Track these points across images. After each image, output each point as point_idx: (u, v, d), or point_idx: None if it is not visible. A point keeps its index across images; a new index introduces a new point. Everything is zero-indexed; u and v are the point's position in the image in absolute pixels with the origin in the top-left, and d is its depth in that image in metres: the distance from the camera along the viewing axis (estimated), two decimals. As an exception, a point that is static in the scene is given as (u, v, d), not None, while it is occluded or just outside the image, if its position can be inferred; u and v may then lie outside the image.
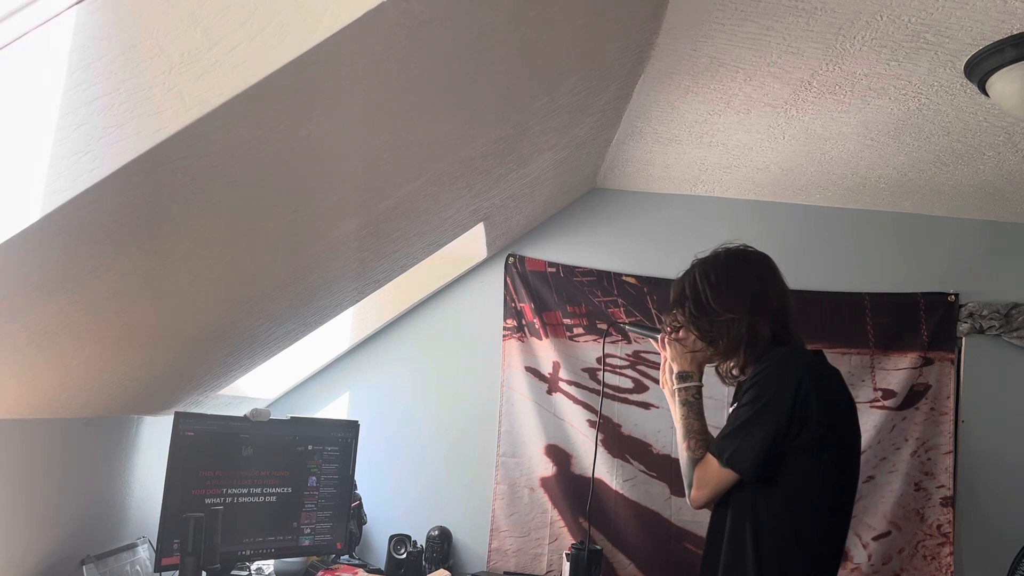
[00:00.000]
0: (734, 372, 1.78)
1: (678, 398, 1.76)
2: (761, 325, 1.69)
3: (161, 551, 2.06)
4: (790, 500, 1.59)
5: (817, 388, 1.58)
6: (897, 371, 2.92)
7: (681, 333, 1.78)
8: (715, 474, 1.62)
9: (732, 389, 1.84)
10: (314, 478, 2.51)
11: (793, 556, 1.58)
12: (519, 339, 3.00)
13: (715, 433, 1.69)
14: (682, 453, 1.70)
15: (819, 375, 1.63)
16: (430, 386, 3.02)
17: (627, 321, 2.13)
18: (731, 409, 1.76)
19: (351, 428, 2.63)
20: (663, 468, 2.92)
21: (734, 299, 1.72)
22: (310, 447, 2.51)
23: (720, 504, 1.68)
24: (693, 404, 1.76)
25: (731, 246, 1.87)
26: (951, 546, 2.85)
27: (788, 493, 1.58)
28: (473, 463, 2.97)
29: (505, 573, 2.88)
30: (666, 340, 1.82)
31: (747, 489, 1.60)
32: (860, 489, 2.87)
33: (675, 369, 1.79)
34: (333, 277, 2.16)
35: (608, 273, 3.02)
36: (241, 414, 2.37)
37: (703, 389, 1.79)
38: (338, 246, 1.93)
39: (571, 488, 2.91)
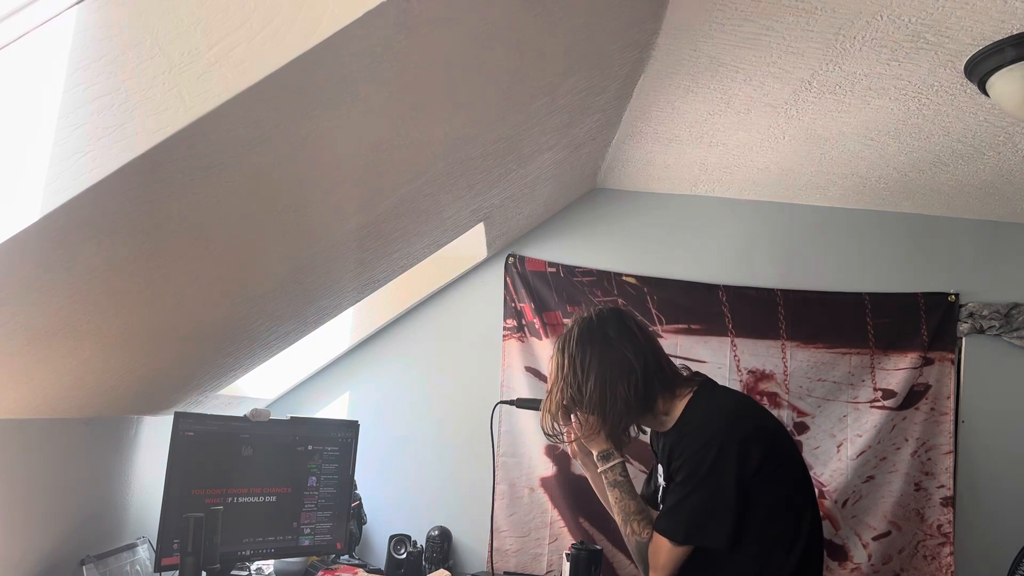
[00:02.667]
0: (645, 430, 1.78)
1: (606, 480, 1.74)
2: (621, 390, 1.67)
3: (161, 551, 2.06)
4: (761, 541, 1.60)
5: (743, 436, 1.59)
6: (897, 371, 2.92)
7: (576, 420, 1.76)
8: (670, 554, 1.62)
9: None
10: (314, 478, 2.51)
11: None
12: (519, 339, 3.00)
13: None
14: (627, 538, 1.69)
15: (736, 420, 1.64)
16: (430, 386, 3.02)
17: (514, 400, 2.19)
18: (661, 478, 1.77)
19: (351, 428, 2.63)
20: (663, 468, 2.92)
21: (595, 378, 1.68)
22: (310, 447, 2.51)
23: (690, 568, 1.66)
24: (623, 483, 1.74)
25: (580, 319, 1.79)
26: (951, 546, 2.85)
27: (753, 548, 1.59)
28: (473, 463, 2.97)
29: (505, 573, 2.88)
30: (570, 434, 1.79)
31: (712, 556, 1.60)
32: (860, 489, 2.89)
33: (593, 453, 1.77)
34: (333, 277, 2.16)
35: (608, 273, 3.02)
36: (241, 414, 2.37)
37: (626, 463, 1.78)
38: (338, 246, 1.93)
39: (571, 488, 2.91)
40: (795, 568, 1.61)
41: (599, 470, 1.75)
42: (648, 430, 1.83)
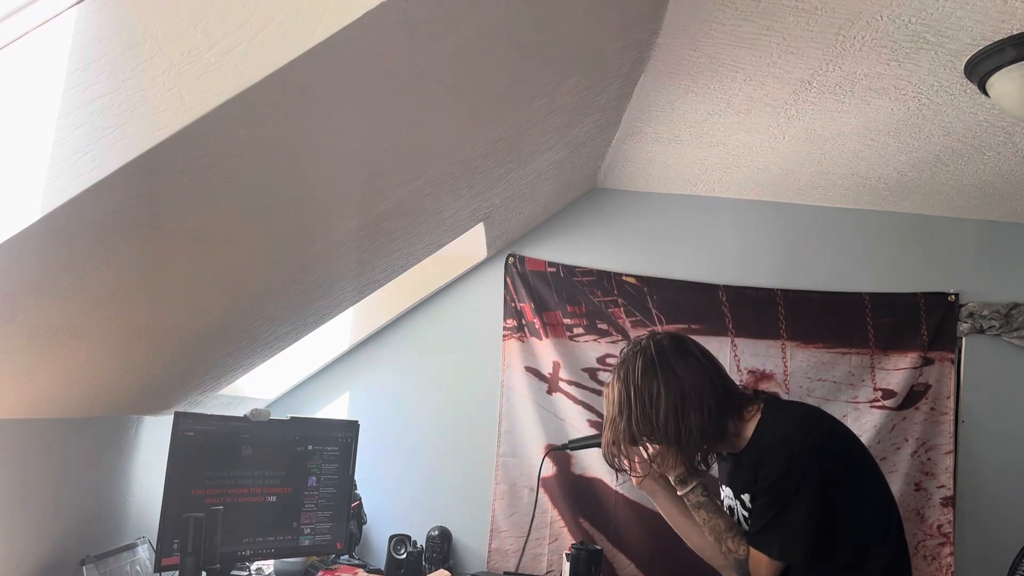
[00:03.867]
0: (722, 453, 1.79)
1: (688, 503, 1.74)
2: (695, 419, 1.66)
3: (161, 551, 2.06)
4: (854, 544, 1.64)
5: (821, 451, 1.63)
6: (897, 371, 2.92)
7: (649, 450, 1.76)
8: (770, 567, 1.64)
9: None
10: (314, 478, 2.51)
11: None
12: (519, 339, 3.00)
13: None
14: (722, 556, 1.70)
15: (811, 435, 1.66)
16: (430, 386, 3.02)
17: (567, 444, 2.16)
18: (729, 499, 1.79)
19: (351, 428, 2.63)
20: (663, 468, 2.92)
21: (666, 409, 1.67)
22: (310, 447, 2.51)
23: None
24: (706, 503, 1.74)
25: (640, 348, 1.76)
26: (951, 546, 2.85)
27: (847, 540, 1.63)
28: (473, 463, 2.97)
29: (505, 573, 2.88)
30: (640, 463, 1.79)
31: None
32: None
33: (671, 479, 1.77)
34: (333, 277, 2.16)
35: (608, 273, 3.02)
36: (241, 414, 2.37)
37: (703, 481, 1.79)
38: (338, 246, 1.93)
39: (571, 488, 2.91)
40: (888, 562, 1.65)
41: (680, 493, 1.74)
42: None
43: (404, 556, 2.69)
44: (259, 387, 2.83)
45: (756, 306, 2.98)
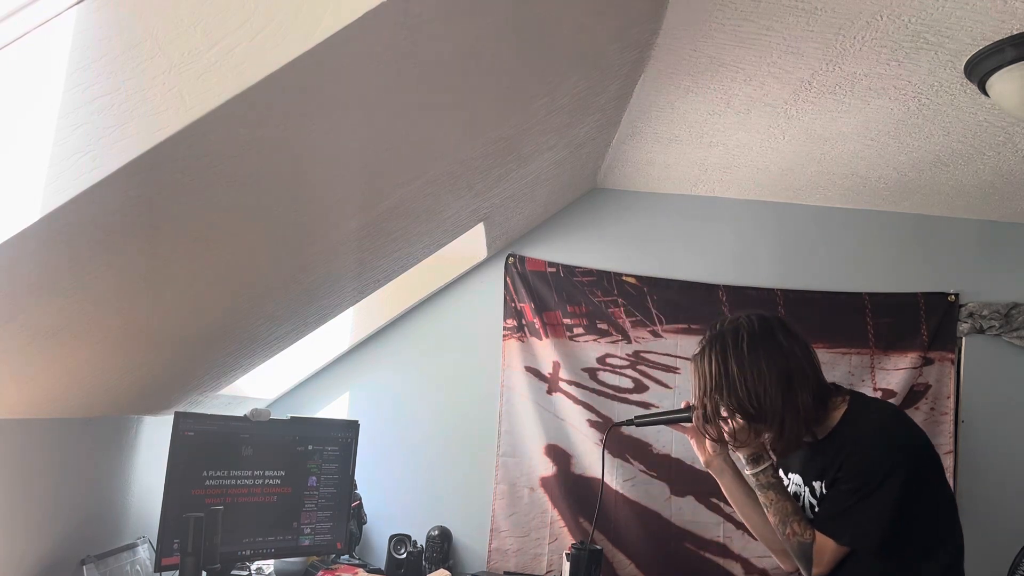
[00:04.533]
0: (788, 446, 1.76)
1: (758, 482, 1.73)
2: (802, 398, 1.65)
3: (161, 551, 2.06)
4: (919, 543, 1.65)
5: (908, 451, 1.63)
6: (897, 371, 2.92)
7: (731, 424, 1.71)
8: (835, 552, 1.65)
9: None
10: (314, 478, 2.51)
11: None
12: (519, 339, 3.00)
13: None
14: (787, 540, 1.69)
15: (899, 434, 1.67)
16: (430, 386, 3.02)
17: (632, 420, 2.04)
18: (793, 485, 1.79)
19: (351, 428, 2.63)
20: (663, 468, 2.92)
21: (766, 387, 1.65)
22: (310, 447, 2.51)
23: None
24: (776, 484, 1.73)
25: (743, 323, 1.73)
26: (951, 546, 2.85)
27: (906, 564, 1.64)
28: (473, 463, 2.97)
29: (505, 573, 2.88)
30: (721, 434, 1.75)
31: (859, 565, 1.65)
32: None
33: (743, 457, 1.75)
34: (333, 277, 2.16)
35: (608, 273, 3.02)
36: (241, 414, 2.37)
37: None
38: (338, 246, 1.93)
39: (571, 488, 2.91)
40: (950, 561, 1.67)
41: (751, 472, 1.73)
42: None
43: (404, 556, 2.69)
44: (259, 387, 2.83)
45: (756, 306, 2.96)
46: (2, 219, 1.08)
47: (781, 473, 1.86)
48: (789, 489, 1.81)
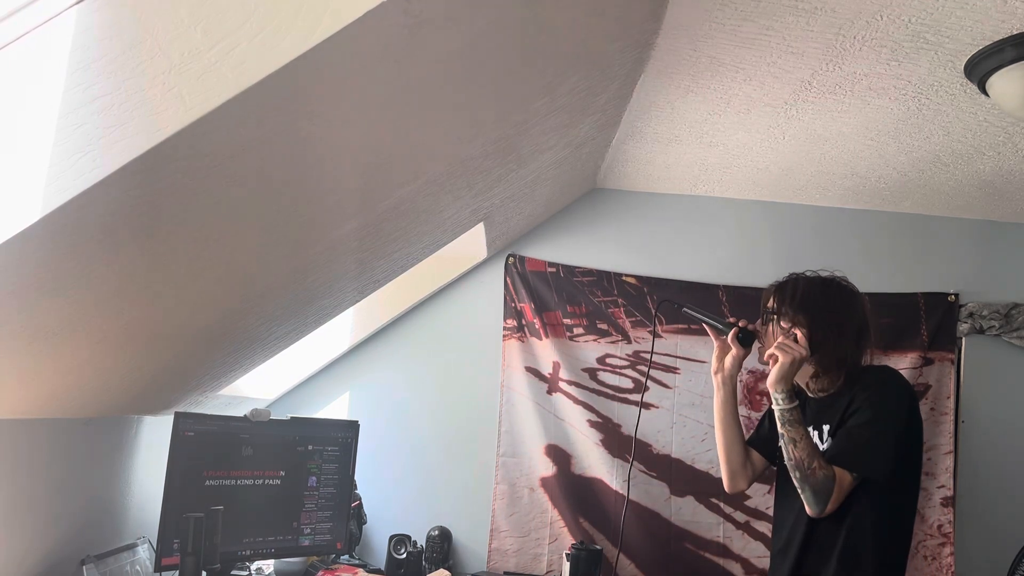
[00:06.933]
0: (820, 387, 1.92)
1: (790, 417, 1.81)
2: (861, 353, 1.89)
3: (161, 551, 2.06)
4: (900, 505, 1.83)
5: (912, 393, 1.90)
6: (897, 371, 2.92)
7: (797, 335, 1.86)
8: (847, 487, 1.76)
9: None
10: (314, 478, 2.51)
11: (900, 551, 1.84)
12: (519, 339, 3.00)
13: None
14: (813, 473, 1.76)
15: (909, 387, 1.92)
16: (430, 386, 3.02)
17: (691, 306, 2.20)
18: (827, 427, 1.90)
19: (351, 428, 2.63)
20: (663, 468, 2.92)
21: (848, 325, 1.86)
22: (310, 447, 2.51)
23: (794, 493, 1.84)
24: (799, 422, 1.82)
25: (830, 276, 1.96)
26: (952, 546, 2.84)
27: (897, 499, 1.82)
28: (473, 463, 2.97)
29: (505, 573, 2.88)
30: (779, 344, 1.87)
31: (860, 498, 1.78)
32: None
33: (781, 386, 1.83)
34: (333, 277, 2.16)
35: (608, 273, 3.02)
36: (241, 414, 2.37)
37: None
38: (338, 246, 1.93)
39: (571, 488, 2.91)
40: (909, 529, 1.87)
41: (786, 406, 1.81)
42: None
43: (404, 556, 2.69)
44: (259, 387, 2.83)
45: (756, 306, 2.97)
46: (2, 219, 1.08)
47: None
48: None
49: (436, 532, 2.85)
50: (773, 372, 1.83)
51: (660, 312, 2.94)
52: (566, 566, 2.62)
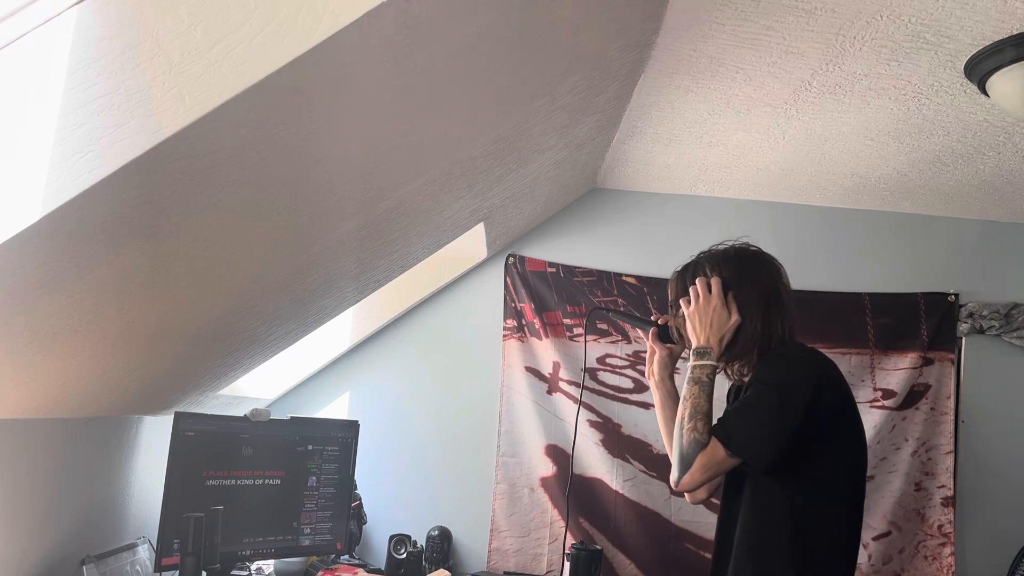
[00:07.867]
0: (743, 371, 1.73)
1: (690, 375, 1.66)
2: (774, 325, 1.68)
3: (161, 551, 2.06)
4: (810, 490, 1.57)
5: (830, 376, 1.60)
6: (897, 371, 2.92)
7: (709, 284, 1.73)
8: (719, 462, 1.57)
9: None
10: (314, 478, 2.51)
11: (819, 544, 1.57)
12: (519, 339, 3.00)
13: None
14: (685, 433, 1.59)
15: (830, 365, 1.64)
16: (430, 386, 3.02)
17: (615, 309, 2.12)
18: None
19: (351, 428, 2.63)
20: (663, 468, 2.92)
21: (748, 296, 1.70)
22: (310, 447, 2.51)
23: (731, 492, 1.67)
24: (706, 384, 1.64)
25: (738, 244, 1.85)
26: (952, 546, 2.85)
27: (806, 484, 1.57)
28: (473, 463, 2.97)
29: (505, 573, 2.88)
30: (684, 313, 1.73)
31: (762, 478, 1.58)
32: (860, 489, 2.88)
33: (693, 343, 1.69)
34: (333, 277, 2.16)
35: (608, 273, 3.02)
36: (241, 414, 2.37)
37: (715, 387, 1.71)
38: (338, 246, 1.93)
39: (571, 488, 2.91)
40: (840, 534, 1.60)
41: (696, 362, 1.66)
42: None
43: (404, 556, 2.69)
44: (259, 387, 2.84)
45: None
46: (3, 219, 1.08)
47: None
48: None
49: (436, 532, 2.85)
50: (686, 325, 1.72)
51: (591, 319, 2.96)
52: (566, 566, 2.62)
